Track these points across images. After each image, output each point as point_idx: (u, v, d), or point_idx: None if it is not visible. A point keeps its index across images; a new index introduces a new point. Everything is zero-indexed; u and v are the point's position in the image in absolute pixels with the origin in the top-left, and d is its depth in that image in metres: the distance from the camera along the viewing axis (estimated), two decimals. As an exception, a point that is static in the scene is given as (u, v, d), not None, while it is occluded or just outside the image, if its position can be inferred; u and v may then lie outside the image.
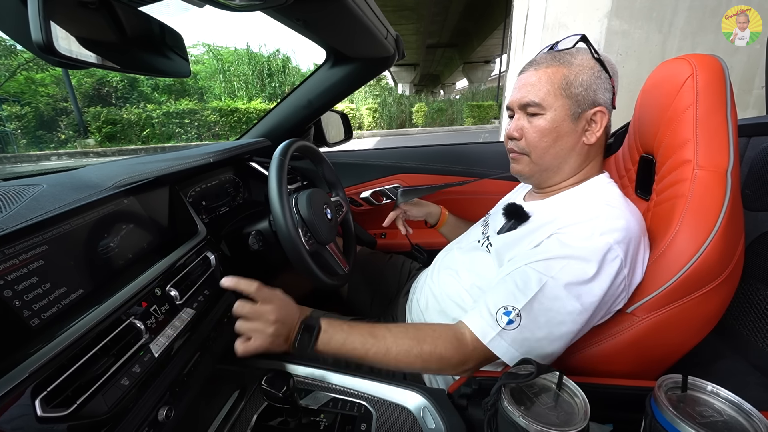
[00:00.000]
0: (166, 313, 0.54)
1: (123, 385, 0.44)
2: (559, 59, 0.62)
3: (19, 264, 0.41)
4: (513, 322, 0.55)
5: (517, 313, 0.55)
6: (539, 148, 0.65)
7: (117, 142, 9.00)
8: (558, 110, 0.62)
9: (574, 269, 0.55)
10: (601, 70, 0.61)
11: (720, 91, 0.58)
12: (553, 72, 0.61)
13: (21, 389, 0.35)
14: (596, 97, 0.61)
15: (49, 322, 0.42)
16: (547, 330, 0.55)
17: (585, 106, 0.61)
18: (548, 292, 0.55)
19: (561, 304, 0.55)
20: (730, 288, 0.58)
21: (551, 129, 0.63)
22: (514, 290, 0.57)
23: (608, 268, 0.55)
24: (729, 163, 0.56)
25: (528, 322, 0.55)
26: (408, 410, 0.60)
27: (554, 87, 0.61)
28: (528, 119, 0.65)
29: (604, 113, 0.62)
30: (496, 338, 0.56)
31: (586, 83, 0.61)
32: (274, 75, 11.60)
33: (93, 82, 9.12)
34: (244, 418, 0.59)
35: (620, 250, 0.55)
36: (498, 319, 0.56)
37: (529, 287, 0.56)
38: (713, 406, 0.43)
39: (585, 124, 0.63)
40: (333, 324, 0.61)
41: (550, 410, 0.44)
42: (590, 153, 0.66)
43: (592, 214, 0.59)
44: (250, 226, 0.83)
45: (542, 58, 0.64)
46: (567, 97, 0.61)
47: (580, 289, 0.55)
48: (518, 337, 0.55)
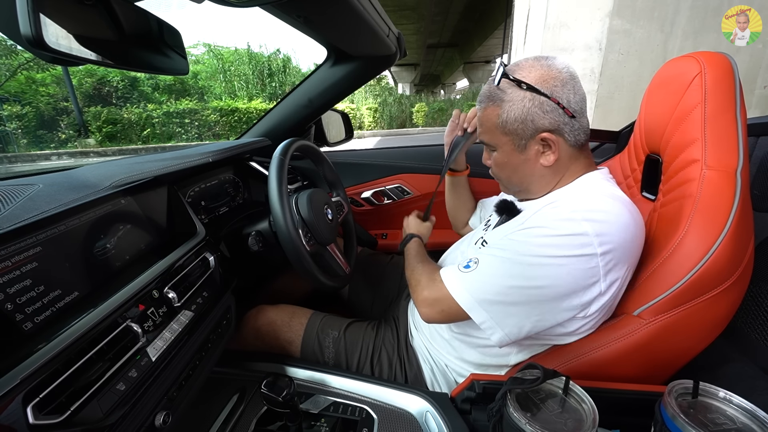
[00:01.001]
0: (164, 316, 0.53)
1: (119, 390, 0.43)
2: (492, 97, 0.63)
3: (12, 266, 0.40)
4: (469, 266, 0.61)
5: (475, 261, 0.62)
6: (503, 178, 0.71)
7: (117, 141, 9.00)
8: (504, 146, 0.65)
9: (540, 237, 0.56)
10: (534, 96, 0.59)
11: (729, 90, 0.57)
12: (490, 112, 0.64)
13: (12, 396, 0.33)
14: (536, 125, 0.60)
15: (43, 326, 0.41)
16: (501, 282, 0.58)
17: (527, 136, 0.62)
18: (509, 249, 0.59)
19: (520, 262, 0.57)
20: (739, 290, 0.56)
21: (505, 163, 0.67)
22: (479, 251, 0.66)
23: (576, 250, 0.53)
24: (738, 163, 0.55)
25: (484, 267, 0.60)
26: (410, 415, 0.59)
27: (493, 127, 0.64)
28: (488, 151, 0.71)
29: (551, 137, 0.61)
30: (452, 278, 0.62)
31: (520, 117, 0.61)
32: (275, 75, 11.59)
33: (93, 81, 9.12)
34: (243, 422, 0.58)
35: (596, 241, 0.53)
36: (459, 267, 0.63)
37: (493, 246, 0.63)
38: (726, 414, 0.42)
39: (538, 148, 0.63)
40: (420, 248, 0.83)
41: (557, 417, 0.43)
42: (559, 167, 0.64)
43: (578, 201, 0.59)
44: (249, 227, 0.82)
45: (483, 95, 0.66)
46: (506, 133, 0.63)
47: (542, 258, 0.55)
48: (471, 279, 0.60)
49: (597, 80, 3.51)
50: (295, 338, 0.81)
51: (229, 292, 0.70)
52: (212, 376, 0.64)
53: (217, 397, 0.62)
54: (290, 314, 0.84)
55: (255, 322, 0.82)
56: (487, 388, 0.56)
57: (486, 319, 0.58)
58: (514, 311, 0.57)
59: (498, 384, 0.55)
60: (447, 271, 0.64)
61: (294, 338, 0.81)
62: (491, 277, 0.59)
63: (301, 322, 0.82)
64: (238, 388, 0.64)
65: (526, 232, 0.59)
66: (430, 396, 0.60)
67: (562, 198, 0.63)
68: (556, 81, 0.60)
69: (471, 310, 0.59)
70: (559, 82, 0.60)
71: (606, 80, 3.47)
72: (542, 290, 0.55)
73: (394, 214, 1.38)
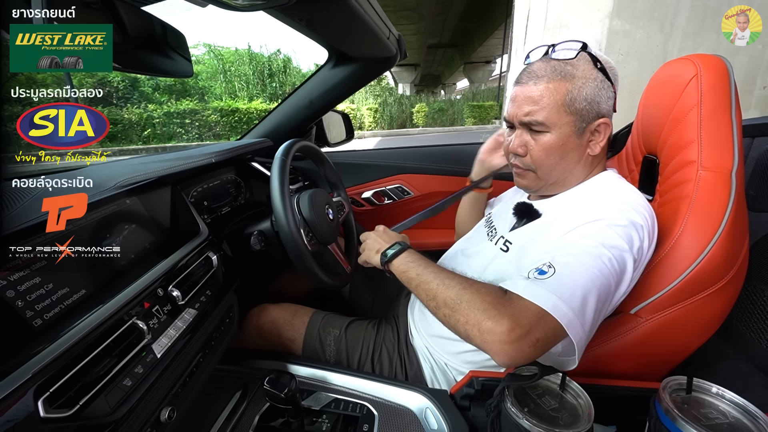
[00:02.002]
0: (169, 314, 0.54)
1: (126, 385, 0.44)
2: (561, 72, 0.58)
3: (22, 264, 0.41)
4: (546, 272, 0.50)
5: (549, 265, 0.51)
6: (546, 166, 0.63)
7: (118, 142, 9.00)
8: (563, 127, 0.59)
9: (605, 230, 0.53)
10: (604, 79, 0.59)
11: (725, 92, 0.58)
12: (556, 87, 0.58)
13: (23, 390, 0.34)
14: (600, 108, 0.59)
15: (52, 323, 0.42)
16: (581, 277, 0.49)
17: (589, 119, 0.59)
18: (580, 245, 0.52)
19: (594, 253, 0.51)
20: (734, 289, 0.58)
21: (558, 147, 0.61)
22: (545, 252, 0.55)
23: (637, 241, 0.54)
24: (734, 164, 0.56)
25: (562, 269, 0.50)
26: (410, 411, 0.60)
27: (558, 104, 0.58)
28: (531, 135, 0.62)
29: (608, 124, 0.61)
30: (530, 286, 0.49)
31: (590, 97, 0.58)
32: (275, 75, 11.60)
33: (94, 82, 9.13)
34: (246, 418, 0.59)
35: (645, 233, 0.55)
36: (531, 276, 0.52)
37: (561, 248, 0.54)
38: (718, 408, 0.43)
39: (589, 136, 0.61)
40: (417, 255, 0.65)
41: (554, 412, 0.44)
42: (595, 161, 0.65)
43: (623, 193, 0.60)
44: (251, 227, 0.83)
45: (542, 69, 0.60)
46: (572, 113, 0.59)
47: (611, 248, 0.52)
48: (554, 282, 0.49)
49: (597, 81, 3.52)
50: (297, 336, 0.82)
51: (232, 290, 0.71)
52: (215, 374, 0.65)
53: (220, 394, 0.63)
54: (292, 313, 0.85)
55: (257, 321, 0.83)
56: (486, 385, 0.57)
57: (581, 336, 0.48)
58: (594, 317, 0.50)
59: (497, 381, 0.56)
60: (523, 284, 0.50)
61: (296, 336, 0.82)
62: (579, 277, 0.49)
63: (302, 320, 0.83)
64: (241, 385, 0.65)
65: (593, 225, 0.54)
66: (429, 393, 0.60)
67: (598, 190, 0.62)
68: (615, 73, 0.60)
69: (570, 326, 0.47)
70: (617, 76, 0.60)
71: (606, 81, 3.48)
72: (614, 285, 0.52)
73: (395, 214, 1.39)
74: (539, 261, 0.53)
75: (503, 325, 0.46)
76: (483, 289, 0.52)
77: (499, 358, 0.47)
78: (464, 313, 0.50)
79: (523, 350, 0.46)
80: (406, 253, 0.65)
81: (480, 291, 0.52)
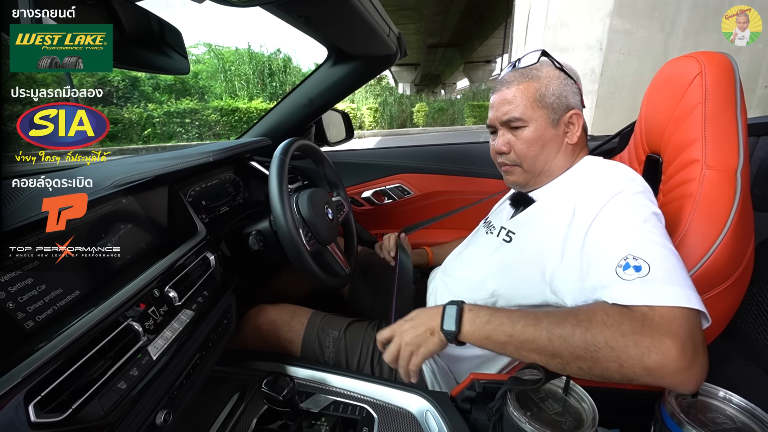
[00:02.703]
0: (165, 315, 0.53)
1: (120, 388, 0.43)
2: (527, 75, 0.67)
3: (13, 265, 0.40)
4: (641, 267, 0.46)
5: (634, 257, 0.47)
6: (529, 157, 0.68)
7: (118, 141, 9.00)
8: (538, 120, 0.66)
9: (633, 200, 0.54)
10: (566, 77, 0.67)
11: (729, 90, 0.57)
12: (525, 87, 0.66)
13: (13, 394, 0.34)
14: (568, 102, 0.66)
15: (45, 325, 0.41)
16: (667, 254, 0.47)
17: (561, 111, 0.66)
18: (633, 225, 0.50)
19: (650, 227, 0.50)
20: (739, 290, 0.57)
21: (536, 138, 0.67)
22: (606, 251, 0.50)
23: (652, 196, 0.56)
24: (739, 163, 0.55)
25: (651, 256, 0.46)
26: (411, 414, 0.59)
27: (530, 101, 0.66)
28: (512, 133, 0.69)
29: (579, 114, 0.68)
30: (650, 289, 0.44)
31: (557, 92, 0.66)
32: (275, 74, 11.59)
33: (94, 81, 9.12)
34: (244, 421, 0.58)
35: None
36: (631, 278, 0.46)
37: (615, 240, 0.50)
38: (725, 413, 0.42)
39: (564, 127, 0.67)
40: (479, 307, 0.54)
41: (557, 416, 0.43)
42: (575, 150, 0.70)
43: (614, 167, 0.62)
44: (250, 226, 0.82)
45: (511, 76, 0.68)
46: (543, 107, 0.66)
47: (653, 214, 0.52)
48: (662, 273, 0.44)
49: (597, 80, 3.51)
50: (295, 338, 0.81)
51: (230, 291, 0.71)
52: (213, 375, 0.64)
53: (217, 396, 0.62)
54: (291, 314, 0.84)
55: (256, 321, 0.82)
56: (488, 388, 0.56)
57: None
58: None
59: (498, 383, 0.55)
60: (638, 289, 0.44)
61: (294, 338, 0.81)
62: (666, 256, 0.46)
63: (301, 321, 0.83)
64: (238, 387, 0.64)
65: (620, 203, 0.54)
66: (430, 395, 0.60)
67: (591, 170, 0.65)
68: (576, 73, 0.69)
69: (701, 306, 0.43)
70: (578, 75, 0.69)
71: (606, 80, 3.47)
72: None
73: (395, 213, 1.38)
74: (609, 258, 0.49)
75: (670, 351, 0.39)
76: (597, 315, 0.45)
77: (685, 387, 0.41)
78: (609, 358, 0.42)
79: (702, 364, 0.40)
80: (470, 314, 0.53)
81: (598, 320, 0.44)
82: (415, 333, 0.56)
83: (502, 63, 16.47)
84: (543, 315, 0.49)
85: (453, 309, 0.54)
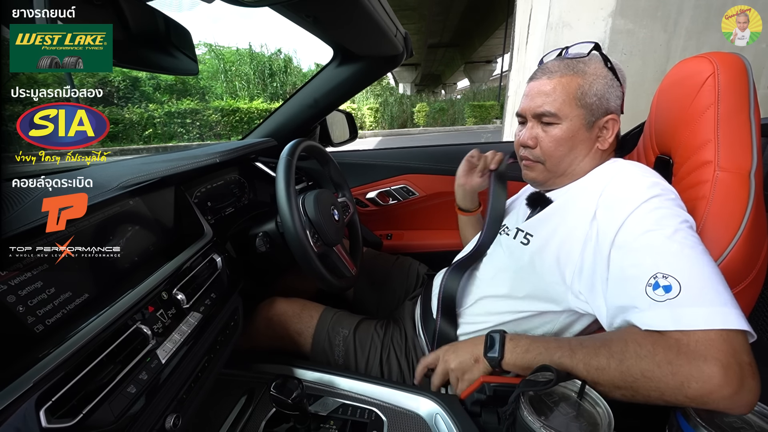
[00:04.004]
0: (173, 318, 0.53)
1: (130, 393, 0.42)
2: (573, 68, 0.62)
3: (23, 268, 0.40)
4: (671, 287, 0.44)
5: (663, 276, 0.45)
6: (555, 157, 0.65)
7: (119, 141, 9.00)
8: (574, 120, 0.62)
9: (662, 209, 0.51)
10: (613, 78, 0.62)
11: (743, 90, 0.57)
12: (568, 81, 0.61)
13: (25, 399, 0.33)
14: (609, 105, 0.62)
15: (54, 328, 0.40)
16: (700, 269, 0.45)
17: (599, 114, 0.62)
18: (663, 239, 0.48)
19: (681, 238, 0.47)
20: (753, 294, 0.56)
21: (567, 138, 0.63)
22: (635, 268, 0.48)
23: (679, 199, 0.54)
24: (752, 165, 0.55)
25: (682, 275, 0.44)
26: (420, 417, 0.59)
27: (569, 97, 0.61)
28: (542, 128, 0.65)
29: (616, 120, 0.64)
30: (682, 313, 0.42)
31: (600, 92, 0.61)
32: (276, 75, 11.60)
33: (95, 81, 9.13)
34: (252, 424, 0.58)
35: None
36: (661, 300, 0.44)
37: (643, 256, 0.48)
38: (743, 417, 0.41)
39: (598, 131, 0.64)
40: (520, 336, 0.56)
41: (571, 420, 0.43)
42: (603, 155, 0.66)
43: (640, 174, 0.58)
44: (256, 228, 0.82)
45: (555, 66, 0.63)
46: (582, 106, 0.61)
47: (683, 222, 0.50)
48: (693, 293, 0.43)
49: (600, 80, 3.50)
50: (304, 330, 0.81)
51: (237, 293, 0.70)
52: (221, 378, 0.63)
53: (225, 399, 0.62)
54: (301, 307, 0.84)
55: (267, 313, 0.83)
56: (498, 391, 0.55)
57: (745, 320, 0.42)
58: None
59: (508, 386, 0.55)
60: (668, 315, 0.43)
61: (303, 329, 0.81)
62: (699, 271, 0.45)
63: (311, 314, 0.83)
64: (246, 389, 0.64)
65: (647, 212, 0.51)
66: (439, 398, 0.59)
67: (615, 172, 0.60)
68: (624, 75, 0.64)
69: (742, 321, 0.41)
70: (625, 78, 0.64)
71: (609, 80, 3.46)
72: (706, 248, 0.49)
73: (399, 214, 1.38)
74: (636, 277, 0.47)
75: (713, 378, 0.38)
76: (630, 347, 0.44)
77: (738, 411, 0.40)
78: (649, 388, 0.42)
79: (753, 386, 0.39)
80: (511, 343, 0.54)
81: (631, 351, 0.44)
82: (459, 360, 0.58)
83: (502, 63, 16.45)
84: (578, 346, 0.49)
85: (496, 336, 0.56)
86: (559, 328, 0.63)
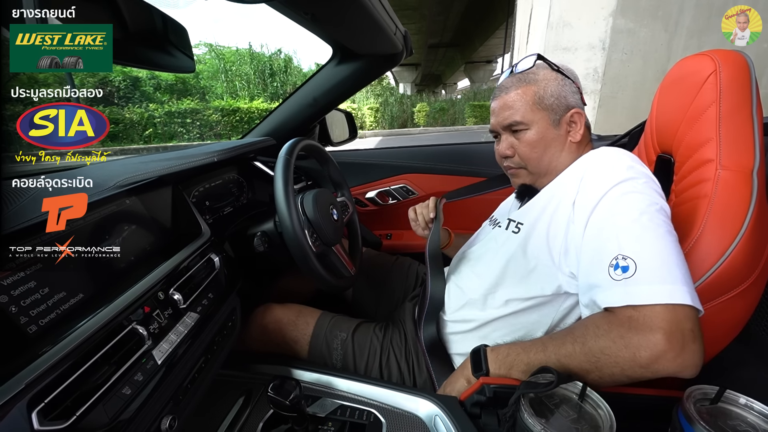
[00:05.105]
0: (170, 318, 0.52)
1: (125, 394, 0.42)
2: (525, 80, 0.68)
3: (16, 267, 0.39)
4: (628, 267, 0.48)
5: (623, 257, 0.49)
6: (533, 158, 0.69)
7: (119, 141, 9.00)
8: (540, 122, 0.67)
9: (631, 192, 0.54)
10: (564, 78, 0.68)
11: (745, 88, 0.56)
12: (524, 91, 0.67)
13: (16, 401, 0.33)
14: (568, 101, 0.67)
15: (48, 329, 0.40)
16: (660, 249, 0.48)
17: (561, 111, 0.67)
18: (628, 221, 0.51)
19: (646, 221, 0.50)
20: (756, 293, 0.55)
21: (539, 139, 0.68)
22: (600, 250, 0.52)
23: (653, 182, 0.56)
24: (755, 163, 0.54)
25: (639, 255, 0.48)
26: (419, 418, 0.58)
27: (530, 104, 0.67)
28: (515, 136, 0.70)
29: (580, 113, 0.69)
30: (632, 290, 0.47)
31: (555, 93, 0.67)
32: (276, 75, 11.59)
33: (95, 81, 9.13)
34: (250, 426, 0.57)
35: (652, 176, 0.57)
36: (618, 278, 0.48)
37: (608, 238, 0.52)
38: (746, 420, 0.41)
39: (566, 126, 0.68)
40: (496, 347, 0.60)
41: (572, 422, 0.42)
42: (579, 147, 0.70)
43: (617, 154, 0.61)
44: (254, 227, 0.81)
45: (509, 82, 0.70)
46: (543, 109, 0.67)
47: (651, 204, 0.52)
48: (647, 272, 0.47)
49: (600, 80, 3.49)
50: (300, 337, 0.80)
51: (234, 293, 0.70)
52: (218, 379, 0.63)
53: (222, 401, 0.61)
54: (296, 313, 0.83)
55: (262, 320, 0.82)
56: (498, 392, 0.55)
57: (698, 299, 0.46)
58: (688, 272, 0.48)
59: (508, 388, 0.54)
60: (621, 292, 0.48)
61: (299, 337, 0.80)
62: (658, 251, 0.48)
63: (307, 321, 0.82)
64: (243, 390, 0.63)
65: (617, 196, 0.54)
66: (439, 399, 0.58)
67: (593, 159, 0.63)
68: (574, 73, 0.71)
69: (693, 298, 0.45)
70: (575, 75, 0.71)
71: (609, 80, 3.45)
72: (673, 232, 0.52)
73: (399, 214, 1.37)
74: (601, 258, 0.51)
75: (658, 344, 0.43)
76: (589, 329, 0.49)
77: (684, 372, 0.44)
78: (610, 364, 0.46)
79: (695, 349, 0.44)
80: (492, 354, 0.59)
81: (590, 333, 0.49)
82: (457, 389, 0.62)
83: (503, 63, 16.46)
84: (548, 339, 0.55)
85: (480, 352, 0.60)
86: (558, 320, 0.64)
